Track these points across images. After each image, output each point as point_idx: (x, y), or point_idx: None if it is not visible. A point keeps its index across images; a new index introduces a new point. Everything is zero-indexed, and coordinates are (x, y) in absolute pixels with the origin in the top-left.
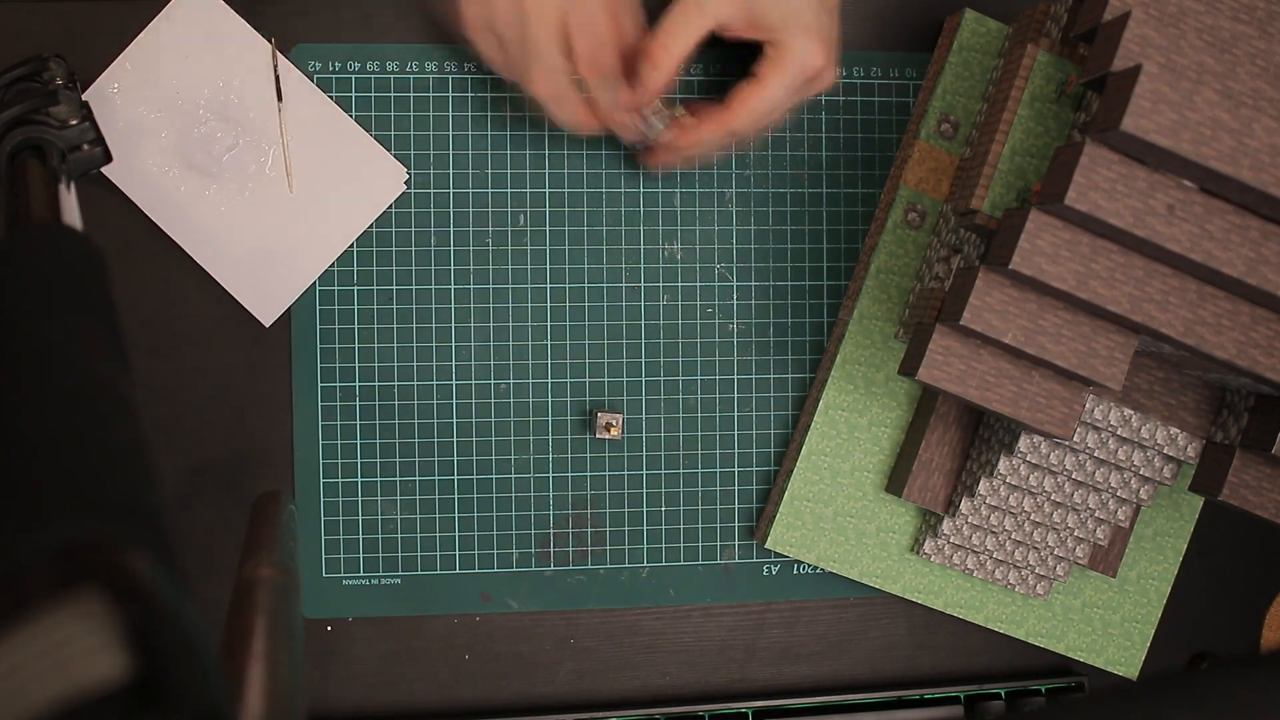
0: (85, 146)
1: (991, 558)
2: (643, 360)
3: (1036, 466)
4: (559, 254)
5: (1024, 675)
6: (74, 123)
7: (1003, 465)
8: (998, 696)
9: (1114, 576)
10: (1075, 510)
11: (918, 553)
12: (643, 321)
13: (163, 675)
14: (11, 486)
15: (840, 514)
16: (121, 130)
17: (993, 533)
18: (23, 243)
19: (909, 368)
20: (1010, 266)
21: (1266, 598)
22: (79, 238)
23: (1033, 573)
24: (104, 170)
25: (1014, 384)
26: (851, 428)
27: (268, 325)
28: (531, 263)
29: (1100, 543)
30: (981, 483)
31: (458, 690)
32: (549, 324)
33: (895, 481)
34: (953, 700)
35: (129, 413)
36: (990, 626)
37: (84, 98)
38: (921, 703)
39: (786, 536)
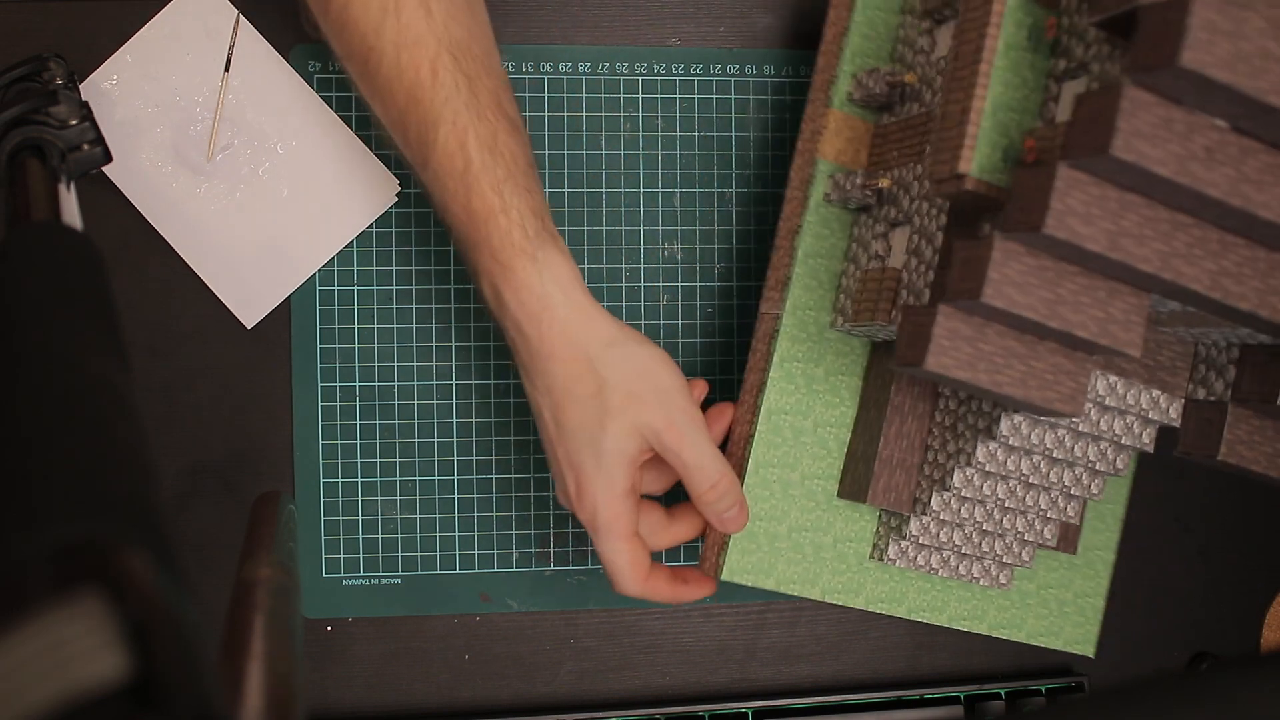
0: (85, 146)
1: (957, 553)
2: None
3: (1014, 449)
4: None
5: (1024, 675)
6: (74, 123)
7: (981, 452)
8: (998, 696)
9: (1075, 554)
10: (1047, 490)
11: (881, 560)
12: (643, 321)
13: (161, 675)
14: (10, 486)
15: (795, 529)
16: (118, 124)
17: (959, 526)
18: (22, 242)
19: (911, 358)
20: (1045, 230)
21: (1266, 598)
22: (78, 237)
23: (997, 562)
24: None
25: (1022, 363)
26: (797, 432)
27: (249, 327)
28: None
29: (1072, 521)
30: (955, 474)
31: (458, 690)
32: None
33: (851, 486)
34: (953, 700)
35: (128, 412)
36: (954, 626)
37: (82, 93)
38: (921, 703)
39: (742, 563)
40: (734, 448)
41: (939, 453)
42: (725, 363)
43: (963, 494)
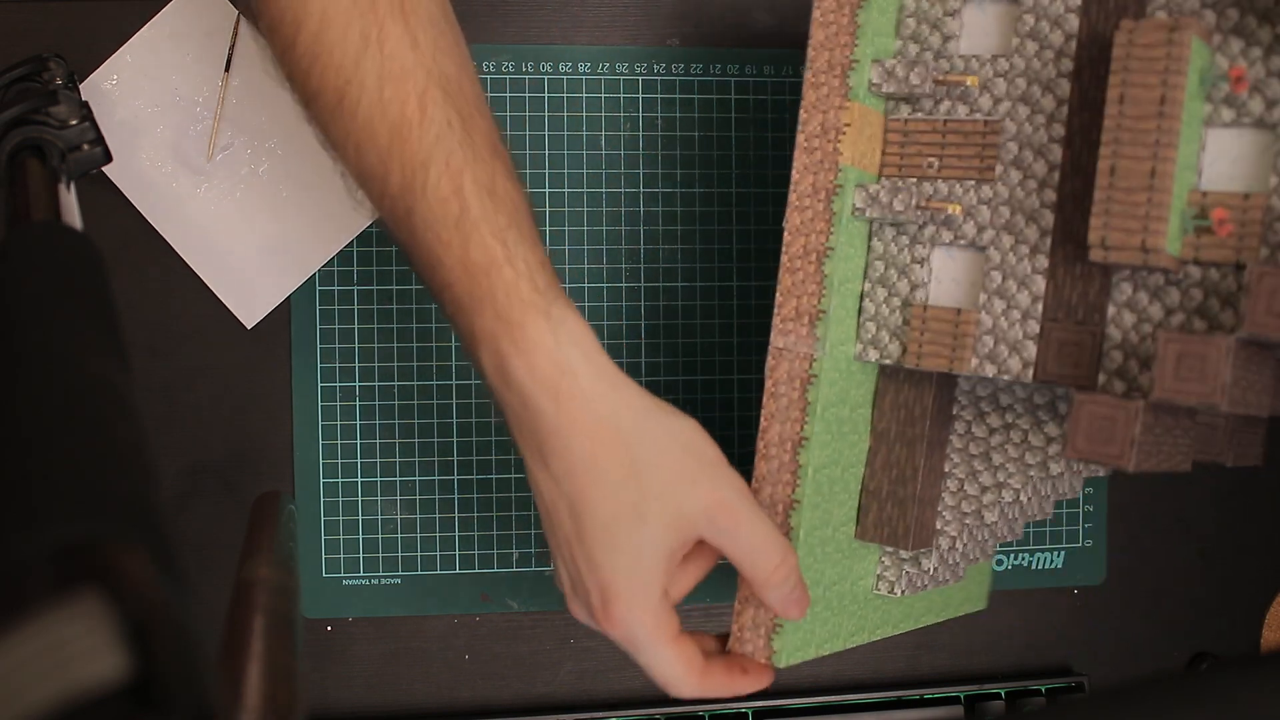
0: (85, 146)
1: (946, 567)
2: (642, 360)
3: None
4: (559, 254)
5: (1024, 675)
6: (74, 123)
7: (1040, 484)
8: (998, 696)
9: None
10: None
11: (891, 593)
12: (643, 321)
13: (161, 675)
14: (10, 486)
15: (827, 586)
16: (118, 124)
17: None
18: (22, 242)
19: (1099, 455)
20: None
21: (1266, 598)
22: (78, 237)
23: (966, 557)
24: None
25: (1185, 436)
26: (832, 483)
27: (249, 327)
28: None
29: (1037, 516)
30: (994, 510)
31: (458, 690)
32: None
33: (881, 530)
34: (953, 700)
35: (128, 412)
36: (899, 632)
37: (82, 92)
38: (921, 703)
39: (794, 641)
40: (771, 515)
41: (966, 482)
42: (725, 363)
43: (987, 520)
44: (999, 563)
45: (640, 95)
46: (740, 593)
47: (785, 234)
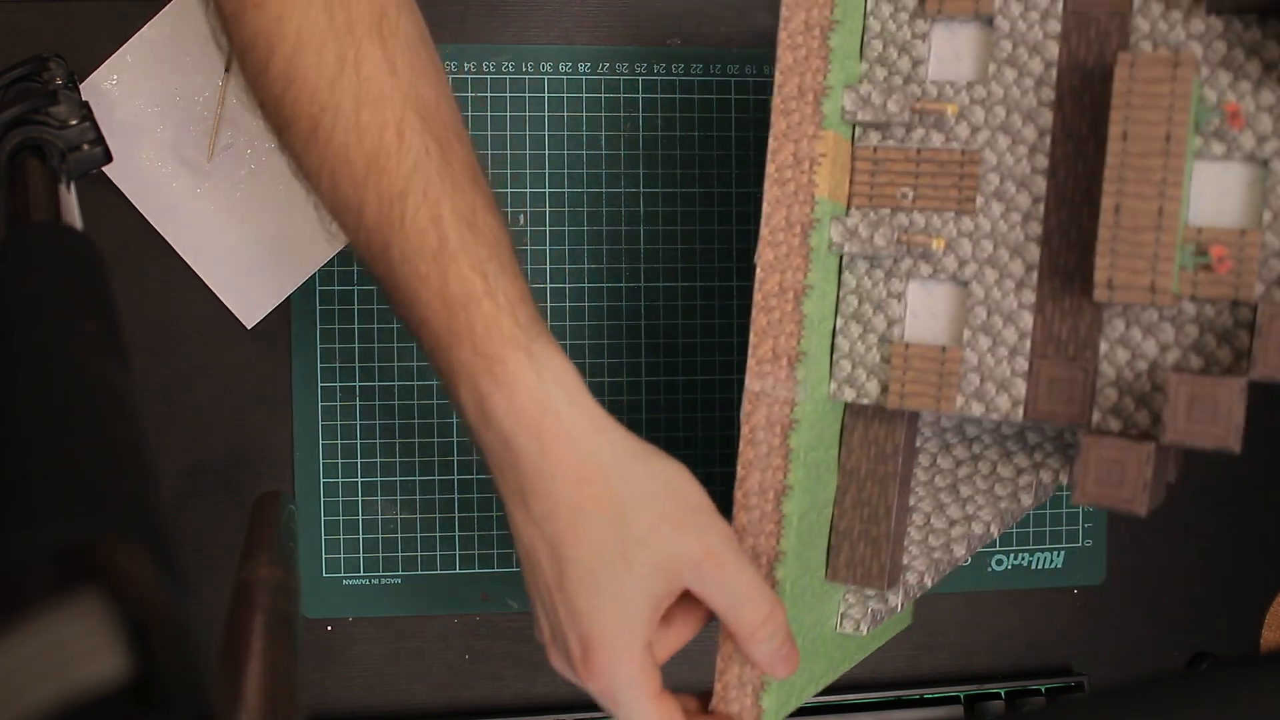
0: (85, 146)
1: (908, 596)
2: (642, 360)
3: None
4: (559, 254)
5: (1024, 675)
6: (74, 123)
7: (1000, 522)
8: (997, 696)
9: None
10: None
11: (855, 630)
12: (643, 321)
13: (161, 675)
14: (10, 486)
15: (805, 632)
16: (118, 124)
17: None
18: (22, 242)
19: (1109, 500)
20: None
21: (1266, 598)
22: (79, 237)
23: (925, 587)
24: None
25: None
26: (811, 529)
27: (249, 327)
28: (532, 263)
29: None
30: (963, 543)
31: (458, 690)
32: (548, 323)
33: (854, 570)
34: (953, 700)
35: (128, 412)
36: (852, 665)
37: (82, 93)
38: (921, 702)
39: (780, 698)
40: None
41: (933, 516)
42: (725, 363)
43: (956, 554)
44: (999, 562)
45: (640, 95)
46: (723, 649)
47: (758, 270)
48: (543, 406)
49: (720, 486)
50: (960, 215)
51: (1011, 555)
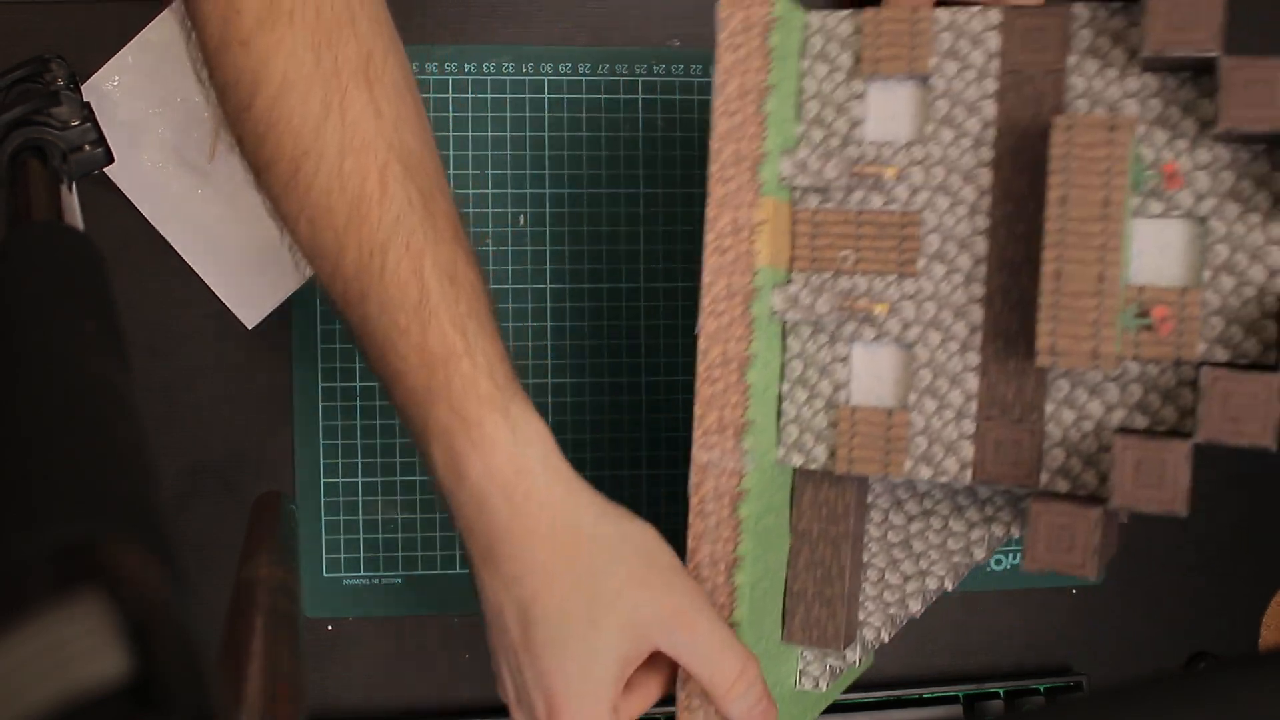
0: (86, 147)
1: (866, 650)
2: (642, 360)
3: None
4: (559, 254)
5: (1023, 675)
6: (75, 124)
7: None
8: (997, 696)
9: None
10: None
11: (814, 687)
12: (642, 322)
13: (161, 675)
14: (10, 486)
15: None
16: (120, 125)
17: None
18: (23, 242)
19: (1061, 565)
20: (1262, 443)
21: (1266, 598)
22: (80, 238)
23: (882, 640)
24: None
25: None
26: (764, 594)
27: (249, 327)
28: (531, 263)
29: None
30: (918, 599)
31: (458, 690)
32: (548, 324)
33: (810, 631)
34: (952, 700)
35: (128, 412)
36: (818, 713)
37: (84, 94)
38: (920, 702)
39: None
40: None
41: (888, 572)
42: None
43: (911, 610)
44: (998, 562)
45: (640, 96)
46: (680, 701)
47: (700, 340)
48: (518, 468)
49: None
50: (902, 278)
51: (1011, 555)
